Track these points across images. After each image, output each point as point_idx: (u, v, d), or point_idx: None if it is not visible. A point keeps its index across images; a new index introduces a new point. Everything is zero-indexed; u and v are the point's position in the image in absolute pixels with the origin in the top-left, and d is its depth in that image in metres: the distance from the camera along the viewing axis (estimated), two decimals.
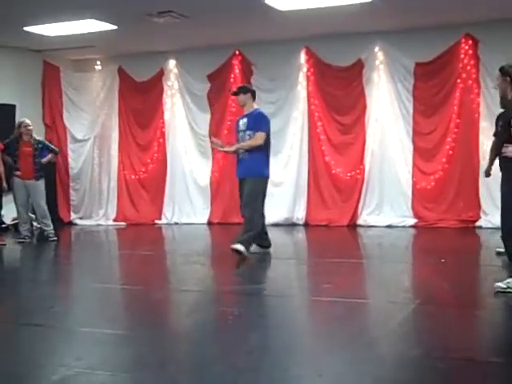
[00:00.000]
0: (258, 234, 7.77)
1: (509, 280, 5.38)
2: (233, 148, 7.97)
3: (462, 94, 10.44)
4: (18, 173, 9.62)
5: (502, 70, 5.68)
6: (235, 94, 8.14)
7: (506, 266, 6.99)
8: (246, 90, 8.05)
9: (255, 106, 8.04)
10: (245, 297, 5.76)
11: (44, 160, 9.87)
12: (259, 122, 7.77)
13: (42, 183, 9.84)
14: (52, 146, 10.23)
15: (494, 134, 7.03)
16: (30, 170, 9.66)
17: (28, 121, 9.88)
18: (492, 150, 7.30)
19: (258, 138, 7.66)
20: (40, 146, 9.84)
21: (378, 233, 10.25)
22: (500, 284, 5.39)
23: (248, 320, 5.01)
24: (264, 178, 7.79)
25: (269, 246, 8.15)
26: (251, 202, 7.66)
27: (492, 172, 7.48)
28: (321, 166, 11.33)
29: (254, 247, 7.88)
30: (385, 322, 4.77)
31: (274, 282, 6.66)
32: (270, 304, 5.61)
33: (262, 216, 7.94)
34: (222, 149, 8.47)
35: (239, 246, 7.47)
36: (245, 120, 7.87)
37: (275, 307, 5.42)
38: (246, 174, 7.74)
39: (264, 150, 7.78)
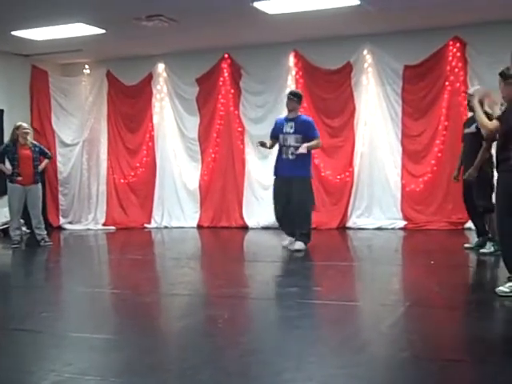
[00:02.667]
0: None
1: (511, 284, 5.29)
2: (304, 149, 8.31)
3: (450, 97, 10.50)
4: (19, 178, 9.50)
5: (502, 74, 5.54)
6: (291, 98, 8.57)
7: (490, 267, 7.07)
8: (301, 98, 8.73)
9: (299, 112, 8.77)
10: (234, 300, 5.76)
11: (40, 166, 9.80)
12: (312, 128, 8.54)
13: (40, 187, 9.78)
14: (46, 151, 10.12)
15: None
16: (30, 174, 9.57)
17: (25, 124, 9.84)
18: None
19: (319, 142, 8.63)
20: (37, 149, 9.77)
21: (368, 235, 10.28)
22: (502, 288, 5.31)
23: (238, 324, 5.01)
24: (310, 178, 8.61)
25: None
26: (306, 200, 8.47)
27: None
28: None
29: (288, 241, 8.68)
30: (375, 325, 4.78)
31: (263, 285, 6.65)
32: (259, 307, 5.60)
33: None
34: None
35: (299, 246, 8.40)
36: (292, 124, 8.47)
37: (265, 311, 5.41)
38: (295, 174, 8.38)
39: (309, 153, 8.54)
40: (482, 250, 7.55)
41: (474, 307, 5.33)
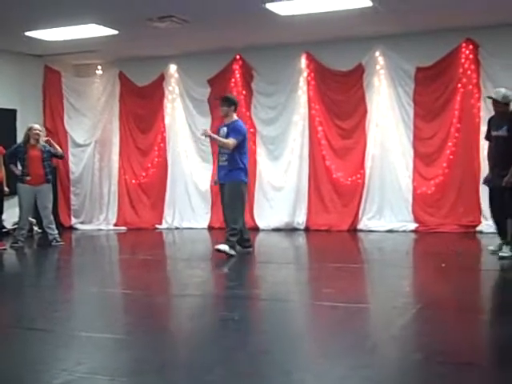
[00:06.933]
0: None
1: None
2: (208, 132, 8.53)
3: (462, 99, 10.44)
4: (27, 178, 9.58)
5: None
6: (221, 103, 8.41)
7: (506, 270, 7.03)
8: (231, 102, 8.39)
9: (235, 117, 8.40)
10: (245, 301, 5.76)
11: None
12: (235, 130, 8.15)
13: (50, 187, 9.83)
14: (54, 151, 10.02)
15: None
16: (40, 174, 9.63)
17: (37, 126, 9.89)
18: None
19: (230, 142, 8.07)
20: (47, 149, 9.82)
21: (379, 237, 10.25)
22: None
23: (248, 324, 5.02)
24: (243, 183, 8.24)
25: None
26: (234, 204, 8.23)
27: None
28: (321, 170, 11.33)
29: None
30: (386, 327, 4.77)
31: (274, 286, 6.65)
32: (270, 309, 5.60)
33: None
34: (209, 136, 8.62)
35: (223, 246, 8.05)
36: (225, 129, 8.24)
37: (276, 312, 5.41)
38: (227, 180, 8.17)
39: (237, 156, 8.16)
40: (501, 254, 7.46)
41: (486, 310, 5.31)
